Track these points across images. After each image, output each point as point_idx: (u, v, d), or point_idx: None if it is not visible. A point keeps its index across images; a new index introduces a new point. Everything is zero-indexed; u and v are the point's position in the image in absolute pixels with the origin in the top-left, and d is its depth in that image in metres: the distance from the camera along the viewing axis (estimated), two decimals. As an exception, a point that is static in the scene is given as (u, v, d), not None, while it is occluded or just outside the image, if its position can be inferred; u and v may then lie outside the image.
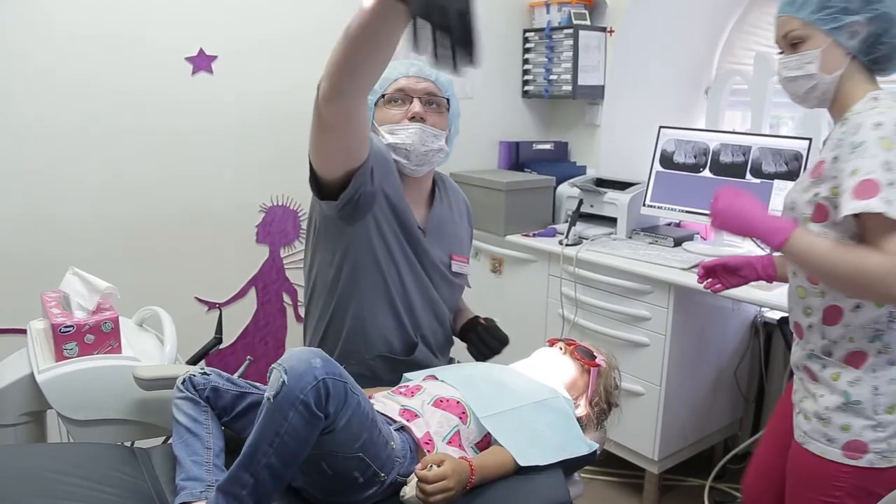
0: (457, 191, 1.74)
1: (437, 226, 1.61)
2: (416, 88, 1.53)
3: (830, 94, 1.31)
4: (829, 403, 1.30)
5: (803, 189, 1.33)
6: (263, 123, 2.48)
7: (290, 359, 1.09)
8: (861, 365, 1.28)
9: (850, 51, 1.27)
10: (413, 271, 1.54)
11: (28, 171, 2.11)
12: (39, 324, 1.66)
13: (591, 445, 1.33)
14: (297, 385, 1.05)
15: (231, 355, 2.53)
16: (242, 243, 2.54)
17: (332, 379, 1.08)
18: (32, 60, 2.06)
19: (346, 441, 1.13)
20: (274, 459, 1.07)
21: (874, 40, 1.27)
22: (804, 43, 1.29)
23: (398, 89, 1.53)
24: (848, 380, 1.29)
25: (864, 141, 1.18)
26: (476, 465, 1.18)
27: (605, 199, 2.67)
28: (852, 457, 1.28)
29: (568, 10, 2.83)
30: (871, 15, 1.24)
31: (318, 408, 1.06)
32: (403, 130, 1.51)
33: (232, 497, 1.08)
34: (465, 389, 1.32)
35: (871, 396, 1.27)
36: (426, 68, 1.54)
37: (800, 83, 1.31)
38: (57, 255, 2.17)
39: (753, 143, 2.40)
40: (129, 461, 1.34)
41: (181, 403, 1.27)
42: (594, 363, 1.46)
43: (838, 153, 1.23)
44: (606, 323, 2.39)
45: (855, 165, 1.18)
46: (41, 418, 1.60)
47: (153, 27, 2.22)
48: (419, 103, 1.52)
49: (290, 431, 1.05)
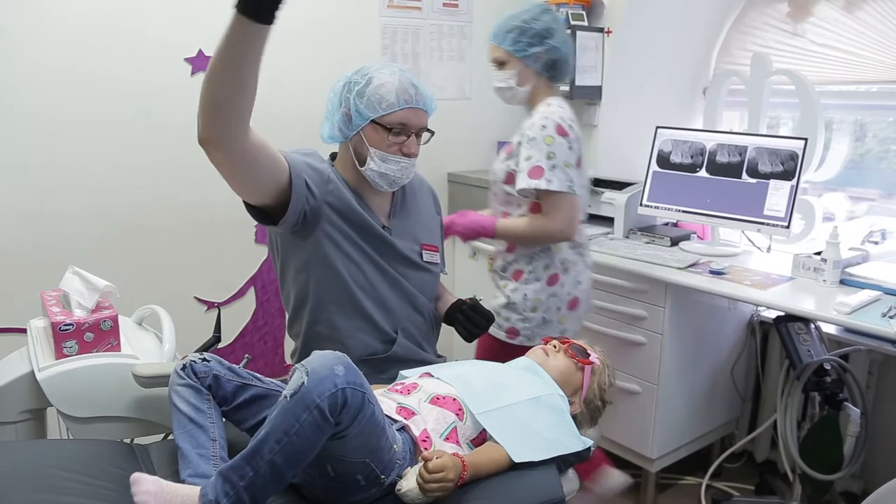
0: (421, 181, 1.73)
1: (403, 219, 1.62)
2: (417, 123, 1.51)
3: (525, 99, 1.95)
4: (498, 303, 1.97)
5: (501, 161, 1.98)
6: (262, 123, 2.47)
7: (314, 361, 1.09)
8: (518, 279, 1.95)
9: (537, 70, 1.90)
10: (380, 270, 1.54)
11: (28, 171, 2.12)
12: (39, 322, 1.67)
13: (586, 442, 1.34)
14: (315, 389, 1.06)
15: (230, 354, 2.55)
16: (241, 243, 2.56)
17: (352, 389, 1.09)
18: (33, 57, 2.07)
19: (355, 448, 1.14)
20: (279, 458, 1.07)
21: (551, 64, 1.90)
22: (506, 64, 1.91)
23: (400, 123, 1.48)
24: (511, 288, 1.96)
25: (535, 137, 1.84)
26: (468, 462, 1.20)
27: (603, 198, 2.68)
28: (511, 337, 1.95)
29: (565, 11, 2.84)
30: (547, 47, 1.87)
31: (331, 414, 1.07)
32: (396, 164, 1.50)
33: (230, 485, 1.09)
34: (461, 386, 1.34)
35: (521, 300, 1.94)
36: (423, 95, 1.52)
37: (504, 92, 1.95)
38: (57, 255, 2.19)
39: (749, 143, 2.41)
40: (127, 457, 1.35)
41: (182, 390, 1.26)
42: (588, 361, 1.47)
43: (521, 140, 1.88)
44: (603, 322, 2.40)
45: (528, 153, 1.84)
46: (41, 416, 1.62)
47: (155, 25, 2.24)
48: (415, 140, 1.52)
49: (300, 433, 1.06)
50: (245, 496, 1.09)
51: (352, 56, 2.63)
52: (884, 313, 1.85)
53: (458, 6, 2.85)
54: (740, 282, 2.13)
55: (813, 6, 2.60)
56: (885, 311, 1.85)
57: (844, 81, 2.55)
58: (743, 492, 2.51)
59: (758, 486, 2.49)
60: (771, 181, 2.35)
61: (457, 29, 2.87)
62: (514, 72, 1.90)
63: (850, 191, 2.61)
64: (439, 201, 1.81)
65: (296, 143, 2.50)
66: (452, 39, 2.87)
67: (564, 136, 1.85)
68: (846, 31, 2.50)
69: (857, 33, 2.47)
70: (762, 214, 2.34)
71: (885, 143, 2.59)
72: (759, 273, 2.22)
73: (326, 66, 2.58)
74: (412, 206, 1.66)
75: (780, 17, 2.71)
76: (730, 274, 2.20)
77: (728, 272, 2.20)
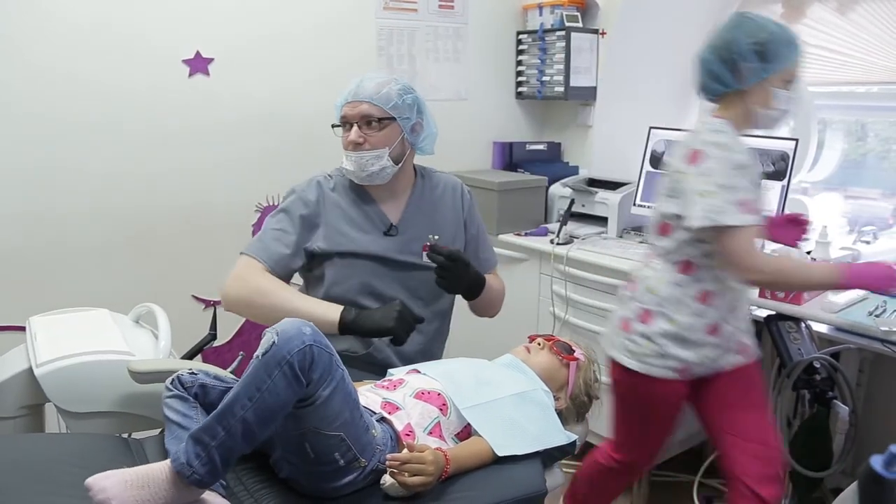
0: (444, 181, 1.78)
1: (413, 219, 1.69)
2: (353, 114, 1.60)
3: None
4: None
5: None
6: (258, 124, 2.52)
7: (283, 324, 1.15)
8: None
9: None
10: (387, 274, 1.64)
11: (26, 170, 2.15)
12: (38, 319, 1.71)
13: (570, 436, 1.37)
14: (285, 346, 1.11)
15: (228, 352, 2.58)
16: (239, 242, 2.55)
17: (319, 347, 1.14)
18: (31, 57, 2.10)
19: (327, 416, 1.17)
20: (250, 414, 1.11)
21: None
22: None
23: (342, 117, 1.62)
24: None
25: None
26: (451, 456, 1.23)
27: (597, 198, 2.71)
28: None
29: (560, 13, 2.87)
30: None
31: (301, 371, 1.11)
32: (347, 159, 1.62)
33: (201, 446, 1.12)
34: (447, 382, 1.37)
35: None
36: (363, 88, 1.60)
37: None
38: (57, 254, 2.22)
39: (741, 144, 2.43)
40: (123, 451, 1.38)
41: (171, 402, 1.31)
42: (573, 357, 1.50)
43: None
44: (597, 321, 2.42)
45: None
46: (39, 411, 1.65)
47: (152, 27, 2.26)
48: (357, 130, 1.60)
49: (272, 389, 1.10)
50: (216, 456, 1.11)
51: (348, 57, 2.65)
52: (871, 312, 1.87)
53: (454, 7, 2.88)
54: (731, 281, 2.15)
55: (806, 7, 2.62)
56: (871, 310, 1.87)
57: (837, 82, 2.57)
58: (735, 489, 2.52)
59: (750, 484, 2.51)
60: (762, 181, 2.36)
61: (452, 30, 2.89)
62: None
63: (851, 190, 2.62)
64: (468, 197, 1.81)
65: (293, 143, 2.58)
66: (448, 41, 2.89)
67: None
68: (839, 32, 2.52)
69: (850, 35, 2.49)
70: (754, 214, 2.36)
71: (886, 143, 2.60)
72: (750, 272, 2.23)
73: (322, 66, 2.60)
74: (428, 209, 1.72)
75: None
76: (721, 273, 2.21)
77: (719, 271, 2.22)
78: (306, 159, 2.60)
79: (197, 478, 1.11)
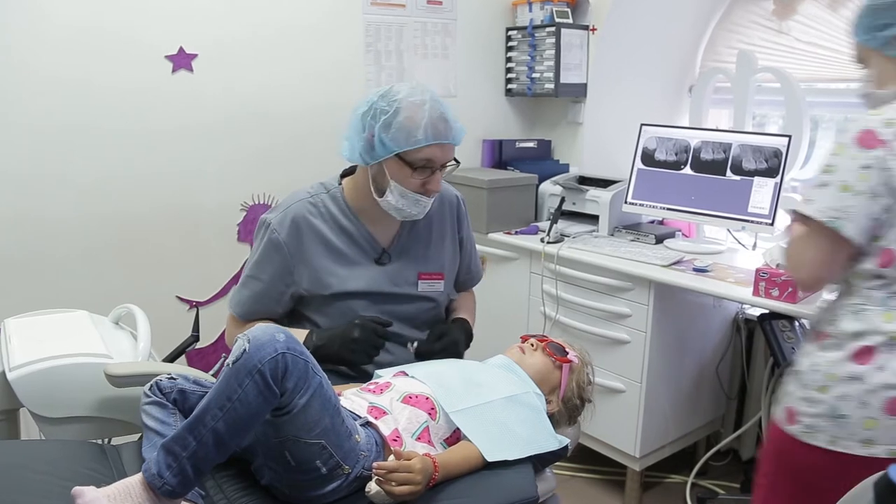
0: (443, 195, 1.61)
1: (406, 244, 1.58)
2: (443, 159, 1.44)
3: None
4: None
5: None
6: (244, 122, 2.48)
7: (255, 330, 1.11)
8: (820, 341, 1.35)
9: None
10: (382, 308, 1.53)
11: (9, 170, 2.10)
12: (14, 321, 1.65)
13: (562, 441, 1.33)
14: (256, 354, 1.07)
15: (212, 354, 2.52)
16: (224, 242, 2.54)
17: (293, 355, 1.10)
18: (15, 58, 2.05)
19: (306, 424, 1.13)
20: (221, 424, 1.08)
21: None
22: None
23: (426, 159, 1.41)
24: (806, 352, 1.38)
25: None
26: (440, 462, 1.19)
27: (587, 196, 2.67)
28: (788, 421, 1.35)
29: (550, 9, 2.84)
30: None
31: (273, 381, 1.07)
32: (415, 202, 1.46)
33: (172, 457, 1.09)
34: (435, 385, 1.32)
35: (808, 369, 1.34)
36: (454, 130, 1.44)
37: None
38: (38, 254, 2.17)
39: (734, 141, 2.41)
40: (98, 458, 1.34)
41: (149, 409, 1.27)
42: (566, 359, 1.46)
43: None
44: (587, 320, 2.40)
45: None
46: (14, 417, 1.59)
47: (134, 25, 2.21)
48: (439, 175, 1.46)
49: (243, 398, 1.07)
50: (188, 466, 1.08)
51: (335, 53, 2.61)
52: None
53: (443, 3, 2.84)
54: (724, 279, 2.12)
55: (798, 4, 2.60)
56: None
57: (829, 79, 2.55)
58: (728, 490, 2.50)
59: (743, 484, 2.49)
60: (755, 178, 2.34)
61: (441, 26, 2.85)
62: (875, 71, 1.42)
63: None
64: (464, 210, 1.69)
65: (283, 142, 2.53)
66: (437, 37, 2.85)
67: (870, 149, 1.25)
68: (831, 28, 2.50)
69: (842, 31, 2.47)
70: (746, 212, 2.34)
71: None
72: (744, 270, 2.21)
73: (310, 63, 2.56)
74: (423, 231, 1.60)
75: (766, 15, 2.71)
76: (714, 271, 2.19)
77: (712, 270, 2.20)
78: (292, 158, 2.57)
79: (168, 489, 1.08)
